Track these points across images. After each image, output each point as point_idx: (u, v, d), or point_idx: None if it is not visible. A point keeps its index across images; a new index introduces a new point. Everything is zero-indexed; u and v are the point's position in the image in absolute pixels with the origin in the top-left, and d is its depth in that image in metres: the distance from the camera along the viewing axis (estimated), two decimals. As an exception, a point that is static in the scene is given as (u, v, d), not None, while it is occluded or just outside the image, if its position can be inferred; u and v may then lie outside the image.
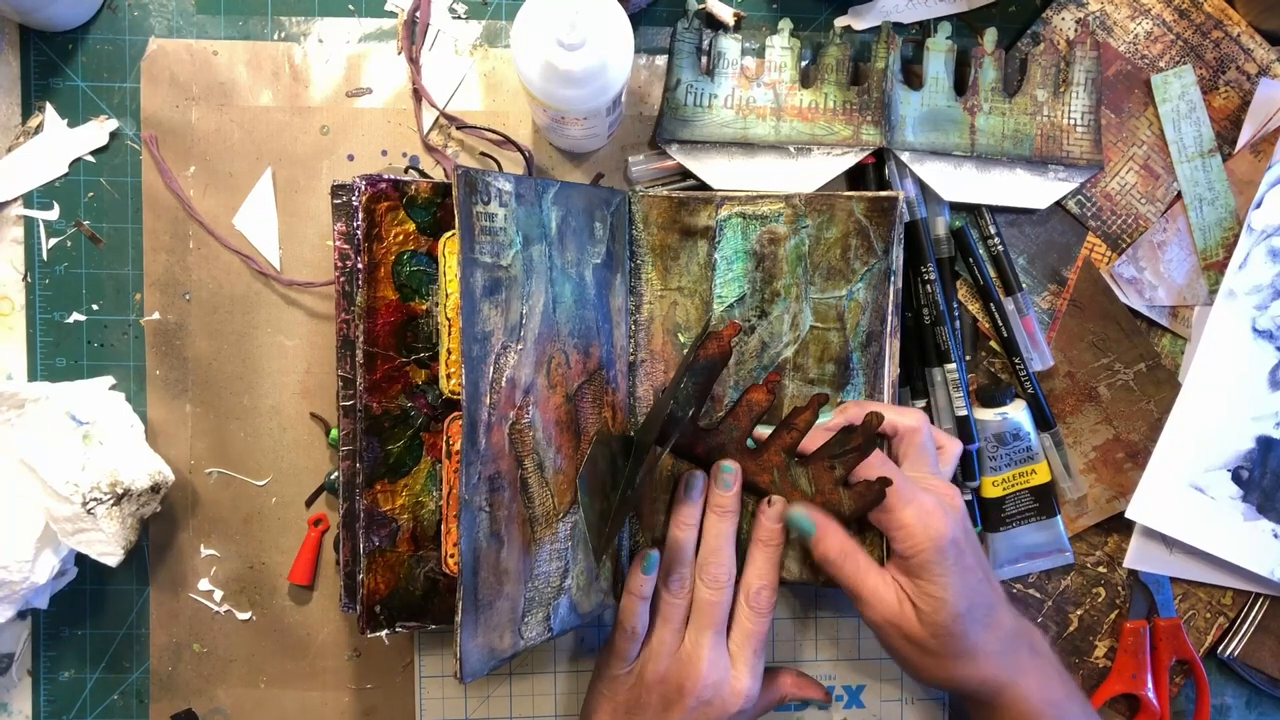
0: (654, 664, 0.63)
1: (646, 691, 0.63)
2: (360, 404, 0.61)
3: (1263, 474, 0.70)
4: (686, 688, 0.62)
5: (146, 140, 0.69)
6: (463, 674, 0.56)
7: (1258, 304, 0.70)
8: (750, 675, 0.63)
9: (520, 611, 0.60)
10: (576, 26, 0.54)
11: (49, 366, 0.69)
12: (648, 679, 0.63)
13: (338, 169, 0.69)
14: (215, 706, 0.70)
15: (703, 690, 0.62)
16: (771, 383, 0.63)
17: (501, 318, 0.58)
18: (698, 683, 0.62)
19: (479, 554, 0.57)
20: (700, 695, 0.62)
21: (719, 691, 0.62)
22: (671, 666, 0.62)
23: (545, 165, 0.70)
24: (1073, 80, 0.70)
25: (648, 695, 0.63)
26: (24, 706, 0.70)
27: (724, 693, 0.62)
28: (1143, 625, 0.71)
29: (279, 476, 0.70)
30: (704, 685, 0.62)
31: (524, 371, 0.59)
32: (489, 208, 0.57)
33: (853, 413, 0.63)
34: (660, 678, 0.62)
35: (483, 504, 0.57)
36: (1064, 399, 0.71)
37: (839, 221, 0.65)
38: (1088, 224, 0.71)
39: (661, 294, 0.67)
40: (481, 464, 0.57)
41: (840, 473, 0.61)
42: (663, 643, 0.63)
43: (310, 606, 0.70)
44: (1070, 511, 0.72)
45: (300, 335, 0.70)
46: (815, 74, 0.69)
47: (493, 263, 0.57)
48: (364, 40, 0.70)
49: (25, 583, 0.63)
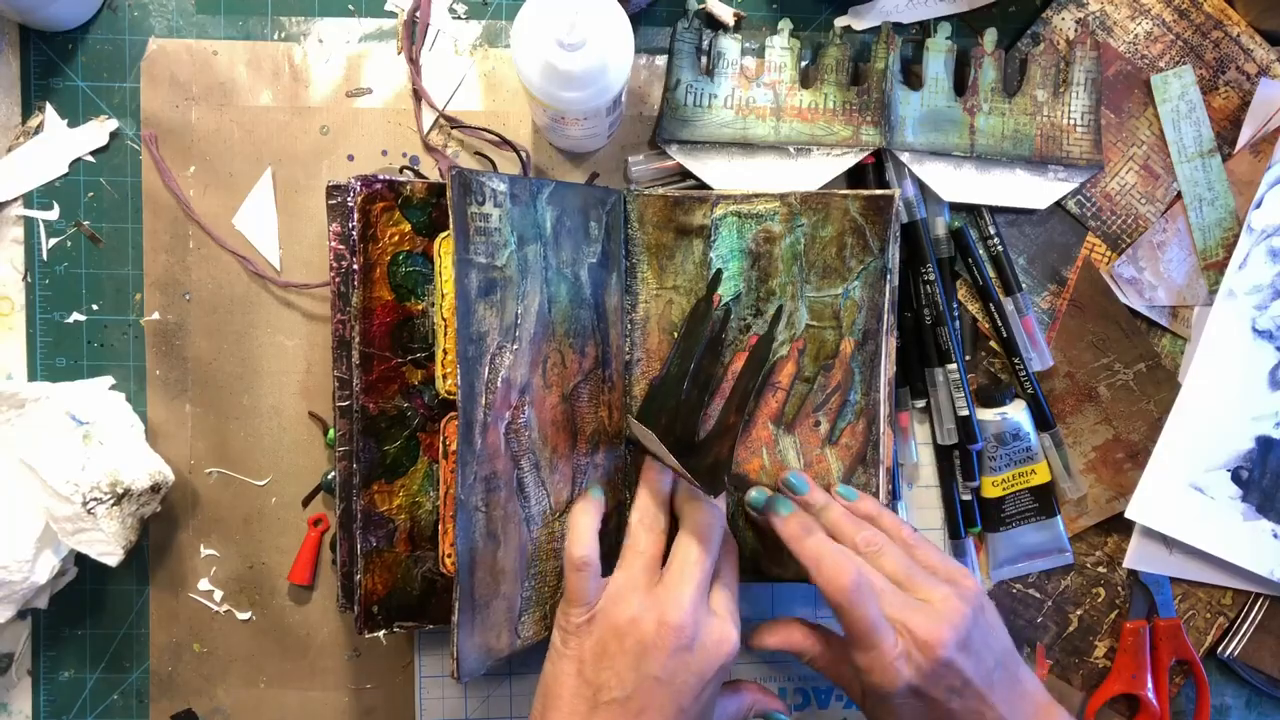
0: (621, 605, 0.55)
1: (616, 638, 0.55)
2: (357, 404, 0.61)
3: (1263, 474, 0.70)
4: (666, 629, 0.54)
5: (146, 140, 0.69)
6: (459, 673, 0.56)
7: (1258, 304, 0.70)
8: (734, 625, 0.57)
9: (517, 611, 0.60)
10: (576, 27, 0.54)
11: (49, 366, 0.69)
12: (615, 621, 0.55)
13: (337, 169, 0.70)
14: (215, 706, 0.70)
15: (685, 629, 0.54)
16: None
17: (497, 318, 0.58)
18: (678, 622, 0.54)
19: (475, 554, 0.57)
20: (683, 634, 0.54)
21: (703, 635, 0.55)
22: (644, 605, 0.55)
23: (545, 165, 0.70)
24: (1073, 80, 0.70)
25: (617, 643, 0.54)
26: (24, 706, 0.70)
27: (708, 638, 0.55)
28: (1143, 625, 0.71)
29: (279, 476, 0.70)
30: (687, 622, 0.54)
31: (519, 371, 0.59)
32: (483, 208, 0.57)
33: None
34: (631, 619, 0.55)
35: (479, 504, 0.57)
36: (1064, 399, 0.71)
37: (834, 220, 0.65)
38: (1088, 224, 0.71)
39: (657, 293, 0.67)
40: (477, 464, 0.57)
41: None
42: (632, 579, 0.56)
43: (310, 606, 0.70)
44: (1070, 511, 0.72)
45: (300, 335, 0.70)
46: (815, 74, 0.69)
47: (487, 263, 0.57)
48: (364, 40, 0.70)
49: (25, 583, 0.63)
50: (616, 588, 0.57)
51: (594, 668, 0.55)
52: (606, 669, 0.55)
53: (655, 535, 0.59)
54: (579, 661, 0.56)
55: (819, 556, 0.57)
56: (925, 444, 0.71)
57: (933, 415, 0.70)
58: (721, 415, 0.65)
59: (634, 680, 0.54)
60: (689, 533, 0.59)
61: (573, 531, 0.59)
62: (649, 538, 0.59)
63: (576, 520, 0.59)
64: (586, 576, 0.57)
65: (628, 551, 0.59)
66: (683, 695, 0.55)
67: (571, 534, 0.58)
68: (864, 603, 0.55)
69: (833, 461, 0.66)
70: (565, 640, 0.57)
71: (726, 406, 0.64)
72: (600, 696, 0.55)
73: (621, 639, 0.55)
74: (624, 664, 0.54)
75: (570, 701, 0.55)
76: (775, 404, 0.66)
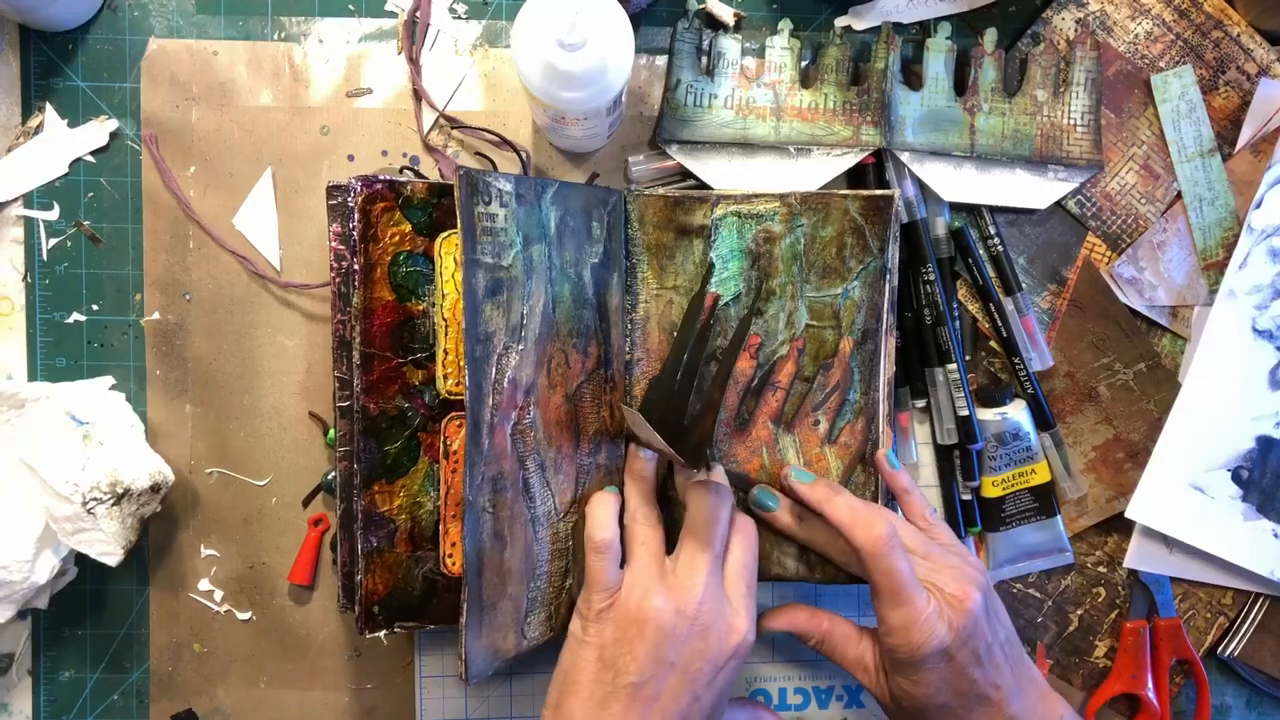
0: (639, 593, 0.57)
1: (636, 624, 0.56)
2: (357, 405, 0.61)
3: (1263, 474, 0.70)
4: (684, 613, 0.56)
5: (146, 140, 0.69)
6: (468, 675, 0.56)
7: (1258, 304, 0.70)
8: (747, 616, 0.58)
9: (523, 611, 0.60)
10: (576, 27, 0.54)
11: (49, 366, 0.69)
12: (635, 608, 0.56)
13: (338, 169, 0.70)
14: (215, 706, 0.70)
15: (700, 616, 0.56)
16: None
17: (503, 318, 0.58)
18: (692, 611, 0.56)
19: (483, 555, 0.57)
20: (697, 621, 0.56)
21: (716, 623, 0.56)
22: (660, 594, 0.56)
23: (545, 165, 0.70)
24: (1073, 80, 0.70)
25: (637, 629, 0.56)
26: (24, 706, 0.70)
27: (721, 626, 0.57)
28: (1143, 625, 0.71)
29: (279, 476, 0.70)
30: (701, 610, 0.56)
31: (525, 372, 0.59)
32: (490, 208, 0.57)
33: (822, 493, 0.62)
34: (650, 606, 0.56)
35: (486, 505, 0.57)
36: (1064, 399, 0.71)
37: (834, 220, 0.65)
38: (1088, 224, 0.71)
39: (657, 293, 0.67)
40: (485, 465, 0.57)
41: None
42: (644, 570, 0.57)
43: (310, 606, 0.70)
44: (1070, 511, 0.72)
45: (300, 335, 0.70)
46: (815, 74, 0.69)
47: (494, 263, 0.57)
48: (364, 40, 0.70)
49: (25, 583, 0.63)
50: (633, 578, 0.58)
51: (613, 653, 0.56)
52: (626, 654, 0.56)
53: (652, 528, 0.60)
54: (599, 648, 0.57)
55: (852, 509, 0.59)
56: (925, 444, 0.71)
57: (933, 415, 0.70)
58: (705, 394, 0.65)
59: (651, 666, 0.55)
60: (696, 522, 0.60)
61: (593, 517, 0.60)
62: (648, 531, 0.60)
63: (595, 507, 0.60)
64: (608, 560, 0.58)
65: (633, 546, 0.59)
66: (696, 682, 0.56)
67: (591, 519, 0.60)
68: (899, 555, 0.56)
69: (832, 460, 0.66)
70: (585, 628, 0.58)
71: (711, 385, 0.65)
72: (618, 681, 0.55)
73: (641, 627, 0.56)
74: (642, 650, 0.55)
75: (589, 687, 0.56)
76: (775, 403, 0.66)
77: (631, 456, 0.63)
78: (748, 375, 0.66)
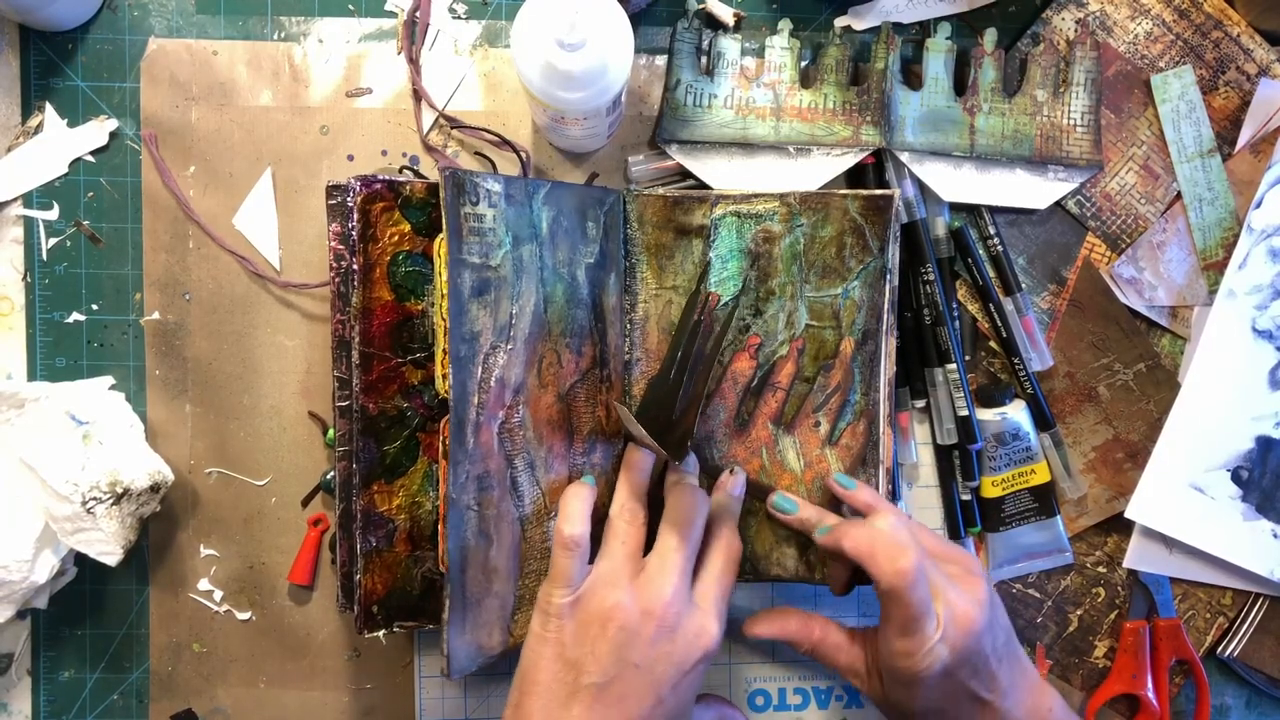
0: (605, 591, 0.55)
1: (598, 623, 0.54)
2: (356, 405, 0.61)
3: (1262, 474, 0.70)
4: (650, 613, 0.54)
5: (146, 140, 0.69)
6: (450, 670, 0.56)
7: (1258, 304, 0.70)
8: (717, 619, 0.56)
9: (510, 609, 0.60)
10: (576, 27, 0.54)
11: (49, 366, 0.69)
12: (598, 607, 0.54)
13: (337, 169, 0.70)
14: (215, 706, 0.70)
15: (666, 617, 0.54)
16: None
17: (490, 318, 0.58)
18: (659, 612, 0.54)
19: (466, 552, 0.57)
20: (664, 623, 0.54)
21: (684, 625, 0.54)
22: (627, 593, 0.55)
23: (545, 165, 0.70)
24: (1072, 80, 0.70)
25: (599, 628, 0.54)
26: (24, 706, 0.70)
27: (688, 629, 0.55)
28: (1143, 625, 0.71)
29: (279, 476, 0.70)
30: (668, 612, 0.54)
31: (514, 371, 0.59)
32: (478, 209, 0.57)
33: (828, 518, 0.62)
34: (615, 605, 0.54)
35: (470, 503, 0.57)
36: (1064, 399, 0.71)
37: (834, 220, 0.65)
38: (1087, 224, 0.71)
39: (656, 293, 0.67)
40: (470, 463, 0.57)
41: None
42: (614, 568, 0.56)
43: (310, 606, 0.70)
44: (1070, 511, 0.72)
45: (300, 335, 0.70)
46: (815, 74, 0.69)
47: (481, 263, 0.57)
48: (364, 40, 0.70)
49: (25, 582, 0.63)
50: (599, 575, 0.56)
51: (574, 652, 0.54)
52: (587, 654, 0.54)
53: (635, 527, 0.59)
54: (559, 645, 0.55)
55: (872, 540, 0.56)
56: (925, 444, 0.71)
57: (933, 415, 0.70)
58: (692, 387, 0.64)
59: (614, 667, 0.54)
60: (670, 522, 0.59)
61: (564, 510, 0.57)
62: (629, 529, 0.58)
63: (569, 501, 0.58)
64: (574, 557, 0.56)
65: (609, 541, 0.58)
66: (661, 685, 0.54)
67: (563, 513, 0.57)
68: (920, 586, 0.54)
69: (833, 462, 0.66)
70: (545, 624, 0.56)
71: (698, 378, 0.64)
72: (580, 681, 0.54)
73: (604, 625, 0.54)
74: (604, 650, 0.54)
75: (548, 686, 0.54)
76: (775, 404, 0.66)
77: (630, 451, 0.63)
78: (747, 376, 0.66)
